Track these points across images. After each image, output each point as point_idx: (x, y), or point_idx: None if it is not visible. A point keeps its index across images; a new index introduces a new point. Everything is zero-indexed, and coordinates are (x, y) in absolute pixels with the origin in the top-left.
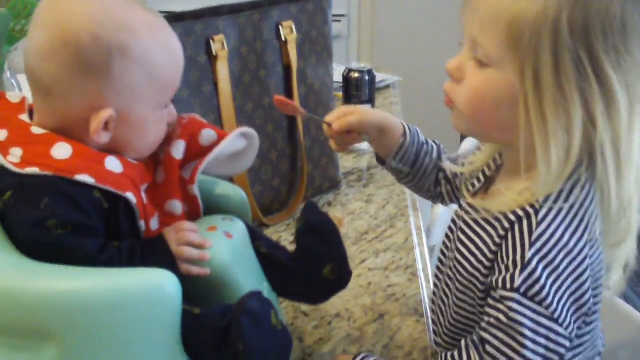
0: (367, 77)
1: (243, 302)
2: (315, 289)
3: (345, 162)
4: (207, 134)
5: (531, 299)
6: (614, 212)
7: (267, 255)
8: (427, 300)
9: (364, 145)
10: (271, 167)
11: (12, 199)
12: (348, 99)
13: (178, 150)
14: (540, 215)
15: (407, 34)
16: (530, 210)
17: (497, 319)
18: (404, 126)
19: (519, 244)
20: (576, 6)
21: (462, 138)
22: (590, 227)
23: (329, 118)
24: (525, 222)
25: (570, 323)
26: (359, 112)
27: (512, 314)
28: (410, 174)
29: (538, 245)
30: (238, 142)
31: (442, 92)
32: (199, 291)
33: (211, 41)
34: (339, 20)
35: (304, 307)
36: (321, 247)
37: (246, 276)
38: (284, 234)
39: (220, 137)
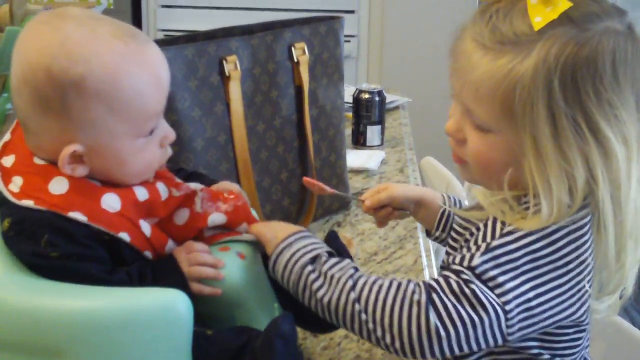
0: (377, 98)
1: (277, 325)
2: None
3: (355, 182)
4: (241, 228)
5: (485, 282)
6: (611, 258)
7: None
8: None
9: (373, 166)
10: (281, 187)
11: (10, 231)
12: (358, 120)
13: (214, 220)
14: (527, 224)
15: (417, 55)
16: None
17: (448, 285)
18: (442, 196)
19: (489, 233)
20: (565, 70)
21: None
22: (575, 271)
23: (363, 196)
24: (498, 224)
25: (514, 325)
26: (390, 189)
27: (462, 286)
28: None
29: (505, 239)
30: None
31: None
32: (210, 311)
33: (224, 62)
34: (349, 41)
35: None
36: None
37: (258, 297)
38: None
39: (229, 223)
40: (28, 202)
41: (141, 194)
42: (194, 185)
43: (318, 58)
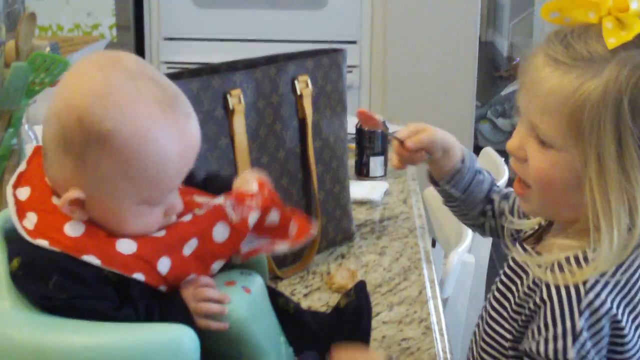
0: (379, 129)
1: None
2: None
3: (358, 214)
4: (272, 216)
5: None
6: None
7: (295, 316)
8: (441, 355)
9: (377, 197)
10: None
11: (20, 271)
12: (361, 151)
13: (252, 222)
14: (588, 284)
15: (419, 85)
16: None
17: None
18: (462, 151)
19: (567, 313)
20: (636, 90)
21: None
22: (636, 300)
23: (400, 134)
24: (572, 290)
25: None
26: (430, 130)
27: None
28: (459, 199)
29: (586, 314)
30: None
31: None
32: (216, 346)
33: (228, 95)
34: (351, 71)
35: None
36: (358, 329)
37: (264, 331)
38: (297, 287)
39: (282, 221)
40: (43, 242)
41: (158, 232)
42: (216, 200)
43: (321, 90)
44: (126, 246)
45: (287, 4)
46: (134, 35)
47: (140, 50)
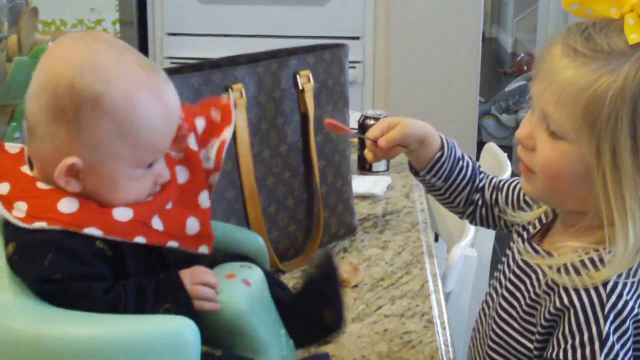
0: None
1: None
2: (310, 330)
3: (361, 208)
4: (198, 124)
5: None
6: None
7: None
8: (443, 348)
9: (379, 191)
10: (287, 213)
11: (15, 256)
12: (363, 145)
13: (192, 141)
14: (609, 287)
15: (422, 80)
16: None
17: None
18: (442, 138)
19: (592, 319)
20: None
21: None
22: None
23: (371, 133)
24: (593, 294)
25: None
26: (402, 125)
27: None
28: (442, 188)
29: (611, 317)
30: None
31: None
32: (216, 338)
33: (230, 90)
34: (354, 67)
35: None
36: (328, 289)
37: (264, 324)
38: (299, 280)
39: (224, 111)
40: (41, 224)
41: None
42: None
43: (323, 85)
44: (123, 214)
45: (290, 0)
46: (137, 30)
47: (143, 46)
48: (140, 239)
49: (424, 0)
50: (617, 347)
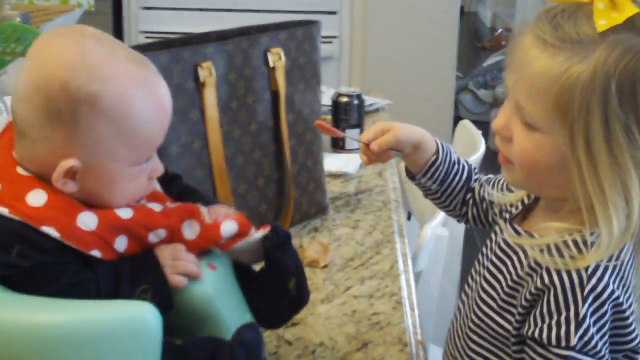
0: (355, 102)
1: (240, 333)
2: (279, 305)
3: (333, 187)
4: (228, 228)
5: (586, 354)
6: None
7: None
8: (411, 329)
9: (352, 169)
10: (258, 193)
11: None
12: (337, 123)
13: (227, 230)
14: (590, 269)
15: (399, 56)
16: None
17: None
18: (437, 143)
19: (571, 300)
20: (624, 74)
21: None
22: (628, 281)
23: (365, 137)
24: (574, 275)
25: None
26: (395, 130)
27: None
28: (438, 191)
29: (590, 299)
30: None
31: (430, 115)
32: (180, 322)
33: (199, 68)
34: (331, 42)
35: (288, 336)
36: (289, 260)
37: (229, 308)
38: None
39: (241, 230)
40: (3, 210)
41: (124, 213)
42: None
43: (295, 63)
44: (86, 221)
45: None
46: (112, 4)
47: (118, 20)
48: (95, 253)
49: None
50: (592, 330)
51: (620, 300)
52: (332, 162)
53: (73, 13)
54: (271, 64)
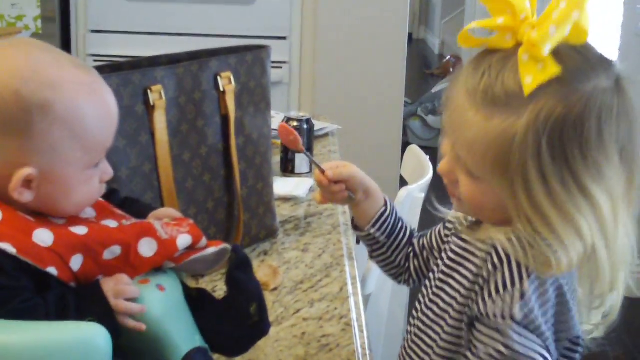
0: (305, 126)
1: (190, 357)
2: (240, 330)
3: (283, 210)
4: (203, 243)
5: (527, 328)
6: (604, 284)
7: (199, 297)
8: (360, 351)
9: (302, 193)
10: (207, 216)
11: None
12: (286, 147)
13: (182, 243)
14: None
15: (348, 81)
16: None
17: (498, 351)
18: (384, 197)
19: (516, 276)
20: (553, 132)
21: (401, 183)
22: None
23: (324, 166)
24: (530, 263)
25: (553, 353)
26: (351, 167)
27: (512, 344)
28: (385, 245)
29: (532, 277)
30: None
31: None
32: (130, 344)
33: (149, 91)
34: (280, 67)
35: (237, 359)
36: (250, 283)
37: (179, 329)
38: (219, 283)
39: (195, 241)
40: None
41: (79, 229)
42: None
43: (245, 87)
44: (42, 237)
45: None
46: (60, 27)
47: (66, 43)
48: (52, 270)
49: (350, 2)
50: (535, 305)
51: (564, 288)
52: (282, 185)
53: (20, 35)
54: (221, 88)
